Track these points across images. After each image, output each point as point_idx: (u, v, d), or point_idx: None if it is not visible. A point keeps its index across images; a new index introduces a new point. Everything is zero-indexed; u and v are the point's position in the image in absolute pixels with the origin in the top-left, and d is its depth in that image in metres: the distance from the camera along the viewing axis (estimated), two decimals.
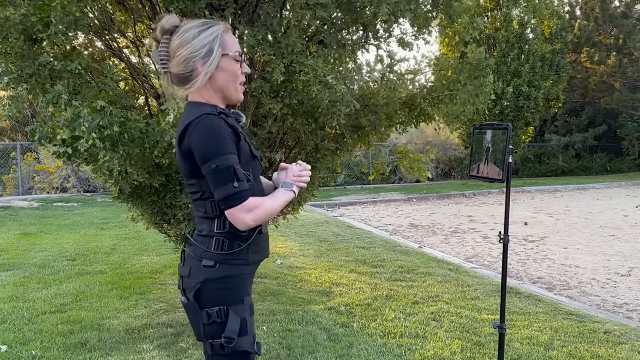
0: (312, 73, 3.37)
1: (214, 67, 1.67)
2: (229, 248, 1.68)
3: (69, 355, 3.56)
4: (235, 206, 1.60)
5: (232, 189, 1.59)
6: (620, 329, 4.16)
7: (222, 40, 1.69)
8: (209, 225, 1.70)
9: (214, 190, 1.61)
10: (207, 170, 1.60)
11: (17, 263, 6.04)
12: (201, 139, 1.60)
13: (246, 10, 3.93)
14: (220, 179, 1.59)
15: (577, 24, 22.10)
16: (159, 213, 4.34)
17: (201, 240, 1.71)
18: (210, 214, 1.69)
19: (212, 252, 1.67)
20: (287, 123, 4.15)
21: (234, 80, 1.73)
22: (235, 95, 1.75)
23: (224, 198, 1.60)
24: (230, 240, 1.68)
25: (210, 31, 1.68)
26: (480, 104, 4.02)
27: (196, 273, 1.68)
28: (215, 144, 1.59)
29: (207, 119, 1.60)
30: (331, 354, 3.60)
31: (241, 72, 1.74)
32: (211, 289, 1.66)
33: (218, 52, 1.67)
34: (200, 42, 1.66)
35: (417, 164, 4.86)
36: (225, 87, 1.71)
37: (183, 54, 1.66)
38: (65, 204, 11.48)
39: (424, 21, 3.95)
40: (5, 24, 3.19)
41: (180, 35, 1.67)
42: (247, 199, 1.61)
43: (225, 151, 1.59)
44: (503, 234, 2.85)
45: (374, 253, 6.81)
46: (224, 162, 1.58)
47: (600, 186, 17.16)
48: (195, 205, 1.74)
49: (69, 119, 3.05)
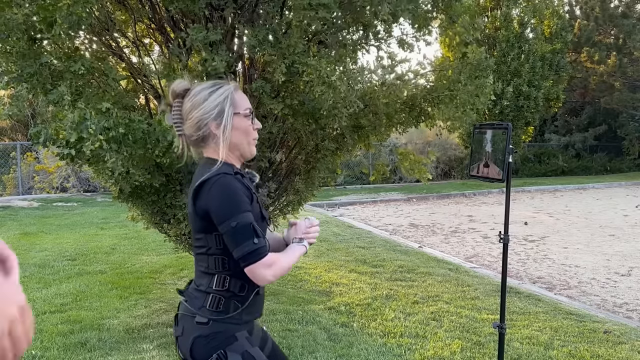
0: (316, 73, 3.36)
1: (230, 127, 1.71)
2: (224, 307, 1.69)
3: (69, 355, 3.56)
4: (256, 262, 1.62)
5: (252, 246, 1.61)
6: (620, 329, 4.16)
7: (233, 100, 1.72)
8: (208, 281, 1.71)
9: (234, 248, 1.63)
10: (226, 228, 1.62)
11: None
12: (219, 198, 1.63)
13: (246, 10, 3.93)
14: (240, 236, 1.61)
15: (577, 24, 22.10)
16: (159, 213, 4.34)
17: (198, 295, 1.72)
18: (212, 270, 1.70)
19: (207, 309, 1.69)
20: (288, 123, 4.15)
21: (246, 137, 1.76)
22: (249, 150, 1.78)
23: (245, 255, 1.62)
24: (227, 299, 1.70)
25: (220, 92, 1.71)
26: (481, 104, 4.01)
27: (189, 331, 1.70)
28: (233, 203, 1.62)
29: (224, 179, 1.64)
30: (331, 353, 3.60)
31: (253, 128, 1.78)
32: (202, 344, 1.68)
33: (230, 111, 1.71)
34: (212, 103, 1.69)
35: (418, 165, 4.86)
36: (239, 144, 1.75)
37: (196, 116, 1.69)
38: (65, 203, 11.48)
39: (424, 21, 3.95)
40: (8, 23, 3.19)
41: (191, 98, 1.71)
42: (266, 254, 1.64)
43: (243, 209, 1.62)
44: (503, 233, 2.85)
45: (374, 253, 6.81)
46: (244, 219, 1.61)
47: (601, 186, 17.16)
48: (198, 259, 1.76)
49: (76, 122, 3.05)
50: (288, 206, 4.97)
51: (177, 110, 1.73)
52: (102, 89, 3.67)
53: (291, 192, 4.79)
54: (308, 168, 4.66)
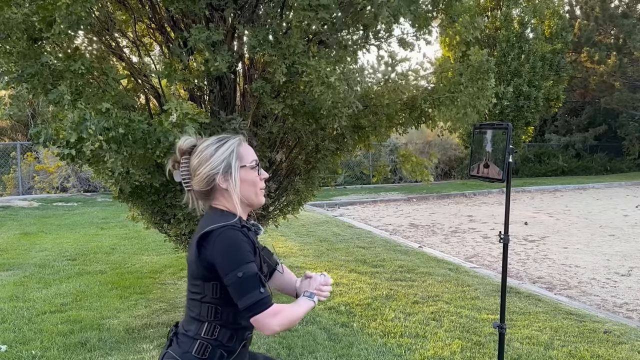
0: (315, 74, 3.36)
1: (238, 181, 1.74)
2: (210, 356, 1.70)
3: (69, 355, 3.56)
4: (263, 312, 1.63)
5: (259, 295, 1.63)
6: (620, 329, 4.16)
7: (239, 154, 1.76)
8: (197, 328, 1.72)
9: (239, 299, 1.64)
10: (232, 279, 1.63)
11: (17, 263, 6.04)
12: (224, 250, 1.64)
13: (246, 10, 3.93)
14: (247, 286, 1.63)
15: (577, 24, 22.10)
16: (159, 213, 4.34)
17: (185, 340, 1.73)
18: (203, 317, 1.71)
19: (192, 355, 1.69)
20: (288, 123, 4.15)
21: (254, 188, 1.79)
22: (257, 200, 1.81)
23: (251, 304, 1.63)
24: (214, 347, 1.71)
25: (226, 147, 1.75)
26: (482, 106, 4.00)
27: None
28: (238, 254, 1.64)
29: (230, 231, 1.65)
30: (331, 353, 3.60)
31: (260, 179, 1.81)
32: None
33: (236, 165, 1.74)
34: (218, 158, 1.73)
35: (420, 167, 4.85)
36: (247, 195, 1.78)
37: (203, 172, 1.73)
38: (65, 203, 11.48)
39: (424, 21, 3.94)
40: (8, 23, 3.19)
41: (198, 154, 1.74)
42: (272, 304, 1.66)
43: (248, 259, 1.64)
44: (503, 233, 2.85)
45: (374, 253, 6.81)
46: (250, 270, 1.63)
47: (601, 186, 17.16)
48: (190, 304, 1.77)
49: (76, 122, 3.05)
50: (288, 206, 4.97)
51: (185, 167, 1.77)
52: (102, 88, 3.67)
53: (291, 192, 4.79)
54: (308, 168, 4.66)
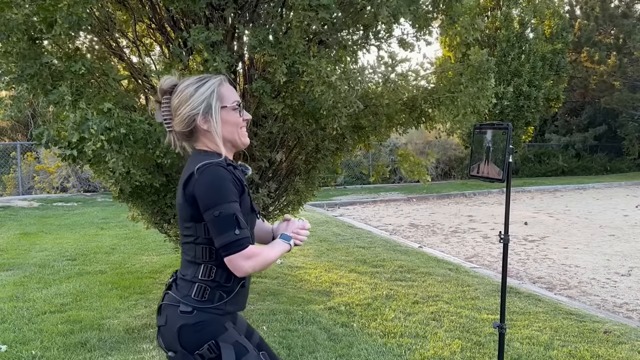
0: (316, 74, 3.36)
1: (219, 122, 1.73)
2: (209, 297, 1.69)
3: (69, 355, 3.56)
4: (236, 253, 1.63)
5: (233, 236, 1.62)
6: (620, 329, 4.16)
7: (219, 94, 1.74)
8: (194, 271, 1.71)
9: (215, 237, 1.64)
10: (209, 217, 1.63)
11: (17, 263, 6.04)
12: (206, 186, 1.64)
13: (246, 10, 3.93)
14: (222, 226, 1.62)
15: (577, 24, 22.11)
16: (159, 213, 4.34)
17: (183, 284, 1.73)
18: (199, 259, 1.71)
19: (192, 298, 1.69)
20: (288, 123, 4.15)
21: (236, 129, 1.78)
22: (240, 141, 1.80)
23: (225, 245, 1.63)
24: (212, 289, 1.70)
25: (206, 87, 1.73)
26: (482, 106, 4.01)
27: (173, 320, 1.69)
28: (219, 192, 1.63)
29: (213, 168, 1.65)
30: (331, 353, 3.60)
31: (242, 120, 1.80)
32: (190, 332, 1.67)
33: (217, 106, 1.73)
34: (198, 98, 1.71)
35: (417, 167, 4.86)
36: (229, 137, 1.77)
37: (184, 113, 1.72)
38: (65, 203, 11.48)
39: (424, 21, 3.95)
40: (9, 23, 3.19)
41: (178, 94, 1.73)
42: (247, 246, 1.65)
43: (228, 199, 1.63)
44: (503, 233, 2.85)
45: (374, 253, 6.82)
46: (227, 209, 1.62)
47: (600, 186, 17.16)
48: (185, 248, 1.77)
49: (78, 123, 3.05)
50: (288, 206, 4.98)
51: (166, 107, 1.75)
52: (102, 89, 3.67)
53: (291, 192, 4.79)
54: (308, 168, 4.67)
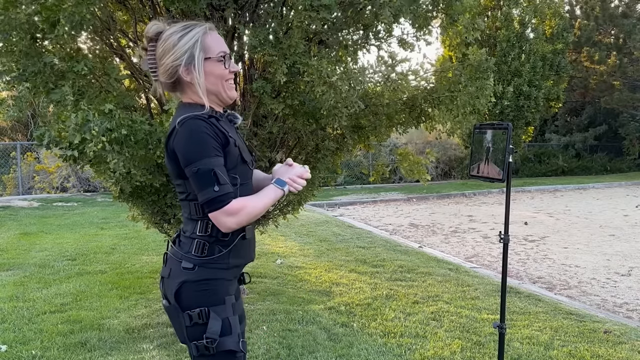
0: (317, 74, 3.36)
1: (202, 73, 1.66)
2: (209, 252, 1.67)
3: (69, 355, 3.56)
4: (217, 210, 1.59)
5: (213, 193, 1.58)
6: (620, 329, 4.16)
7: (204, 44, 1.66)
8: (192, 227, 1.70)
9: (197, 194, 1.61)
10: (189, 173, 1.60)
11: (17, 263, 6.04)
12: (184, 141, 1.59)
13: (246, 10, 3.93)
14: (201, 182, 1.59)
15: (577, 24, 22.10)
16: (159, 213, 4.34)
17: (184, 241, 1.71)
18: (194, 216, 1.69)
19: (192, 255, 1.67)
20: (288, 123, 4.15)
21: (221, 81, 1.70)
22: (226, 94, 1.72)
23: (206, 202, 1.60)
24: (211, 244, 1.68)
25: (190, 36, 1.65)
26: (481, 106, 4.01)
27: (176, 274, 1.68)
28: (197, 147, 1.58)
29: (192, 122, 1.59)
30: (331, 353, 3.60)
31: (229, 72, 1.72)
32: (190, 290, 1.66)
33: (200, 57, 1.65)
34: (181, 48, 1.64)
35: (417, 166, 4.86)
36: (214, 89, 1.70)
37: (167, 63, 1.65)
38: (65, 203, 11.48)
39: (424, 21, 3.95)
40: (11, 22, 3.20)
41: (162, 43, 1.66)
42: (228, 202, 1.60)
43: (207, 154, 1.58)
44: (503, 233, 2.85)
45: (374, 253, 6.82)
46: (206, 165, 1.57)
47: (601, 186, 17.16)
48: (182, 206, 1.75)
49: (79, 123, 3.05)
50: (288, 206, 4.97)
51: (151, 55, 1.69)
52: (104, 89, 3.67)
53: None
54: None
